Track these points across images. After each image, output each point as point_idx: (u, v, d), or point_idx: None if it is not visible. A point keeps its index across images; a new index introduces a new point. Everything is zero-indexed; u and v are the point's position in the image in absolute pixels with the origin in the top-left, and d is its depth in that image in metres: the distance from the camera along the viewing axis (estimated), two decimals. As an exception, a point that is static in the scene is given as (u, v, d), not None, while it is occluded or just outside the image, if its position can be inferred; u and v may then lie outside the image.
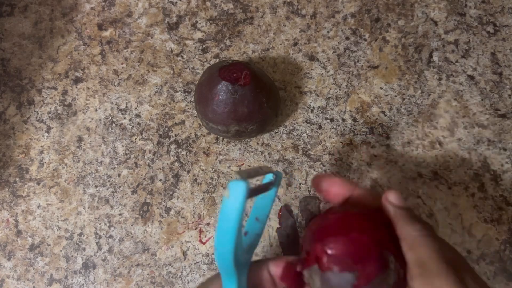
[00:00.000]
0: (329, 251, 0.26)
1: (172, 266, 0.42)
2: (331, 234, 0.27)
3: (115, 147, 0.46)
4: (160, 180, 0.45)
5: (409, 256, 0.26)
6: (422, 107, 0.45)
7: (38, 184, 0.45)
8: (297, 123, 0.45)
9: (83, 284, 0.42)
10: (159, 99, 0.47)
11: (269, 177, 0.32)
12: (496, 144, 0.43)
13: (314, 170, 0.44)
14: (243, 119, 0.40)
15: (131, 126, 0.46)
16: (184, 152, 0.45)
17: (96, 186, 0.45)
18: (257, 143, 0.45)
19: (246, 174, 0.25)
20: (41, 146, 0.46)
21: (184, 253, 0.42)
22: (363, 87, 0.46)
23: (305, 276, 0.27)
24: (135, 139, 0.46)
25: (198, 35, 0.48)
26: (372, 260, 0.25)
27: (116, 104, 0.47)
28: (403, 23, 0.47)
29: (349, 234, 0.26)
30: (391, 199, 0.29)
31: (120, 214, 0.44)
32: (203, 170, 0.45)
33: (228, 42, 0.48)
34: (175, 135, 0.46)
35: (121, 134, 0.46)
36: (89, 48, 0.49)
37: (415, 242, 0.26)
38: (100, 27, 0.49)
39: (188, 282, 0.42)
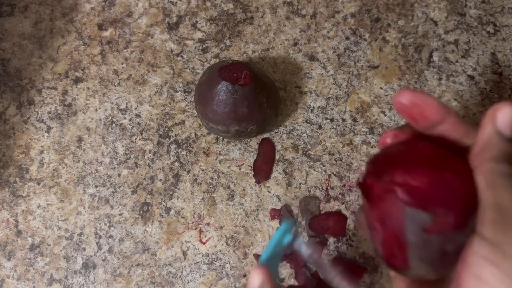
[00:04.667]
0: (413, 182, 0.22)
1: (172, 266, 0.42)
2: (419, 164, 0.23)
3: (115, 147, 0.46)
4: (160, 180, 0.45)
5: (486, 195, 0.21)
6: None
7: (38, 184, 0.45)
8: (297, 123, 0.45)
9: (83, 284, 0.42)
10: (159, 99, 0.47)
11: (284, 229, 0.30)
12: (496, 144, 0.43)
13: (314, 170, 0.44)
14: (243, 119, 0.40)
15: (131, 126, 0.46)
16: (184, 152, 0.45)
17: (96, 186, 0.45)
18: (257, 143, 0.45)
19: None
20: (41, 146, 0.46)
21: (184, 253, 0.42)
22: (363, 87, 0.46)
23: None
24: (135, 139, 0.46)
25: (198, 35, 0.48)
26: (457, 212, 0.22)
27: (116, 104, 0.47)
28: (403, 23, 0.47)
29: (441, 172, 0.22)
30: (499, 116, 0.22)
31: (120, 214, 0.44)
32: (203, 170, 0.45)
33: (228, 42, 0.48)
34: (175, 135, 0.46)
35: (121, 134, 0.46)
36: (89, 48, 0.49)
37: (498, 180, 0.21)
38: (100, 27, 0.49)
39: (188, 282, 0.42)
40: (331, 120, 0.45)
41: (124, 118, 0.47)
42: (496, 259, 0.20)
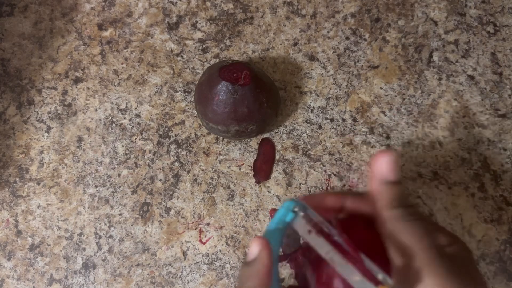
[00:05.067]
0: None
1: (172, 266, 0.42)
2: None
3: (115, 147, 0.46)
4: (160, 180, 0.45)
5: (388, 246, 0.24)
6: (422, 107, 0.45)
7: (38, 184, 0.45)
8: (297, 123, 0.45)
9: (83, 284, 0.42)
10: (159, 99, 0.47)
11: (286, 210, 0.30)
12: (496, 144, 0.43)
13: (314, 170, 0.44)
14: (243, 119, 0.40)
15: (131, 126, 0.46)
16: (184, 152, 0.45)
17: (96, 186, 0.45)
18: (257, 143, 0.45)
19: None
20: (41, 146, 0.46)
21: (184, 253, 0.42)
22: (363, 87, 0.46)
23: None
24: (135, 139, 0.46)
25: (198, 35, 0.48)
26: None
27: (116, 104, 0.47)
28: (403, 23, 0.47)
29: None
30: (378, 166, 0.25)
31: (120, 214, 0.44)
32: (203, 170, 0.45)
33: (228, 42, 0.48)
34: (175, 135, 0.46)
35: (121, 134, 0.46)
36: (89, 48, 0.49)
37: (391, 228, 0.23)
38: (100, 27, 0.49)
39: (188, 282, 0.42)
40: (331, 120, 0.45)
41: (124, 118, 0.47)
42: None
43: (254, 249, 0.25)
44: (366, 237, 0.27)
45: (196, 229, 0.43)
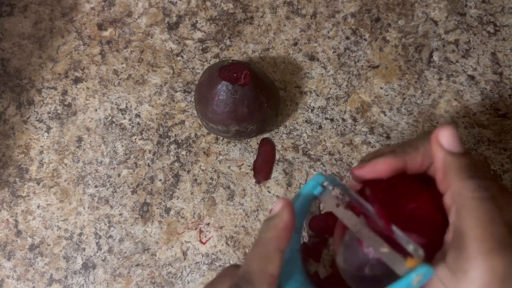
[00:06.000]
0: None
1: (172, 266, 0.42)
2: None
3: (115, 147, 0.46)
4: (160, 180, 0.44)
5: (451, 219, 0.21)
6: (423, 107, 0.45)
7: (38, 184, 0.45)
8: (297, 123, 0.45)
9: (83, 284, 0.42)
10: (159, 99, 0.47)
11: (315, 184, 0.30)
12: (496, 144, 0.43)
13: (314, 170, 0.44)
14: (243, 119, 0.40)
15: (131, 126, 0.46)
16: (184, 152, 0.45)
17: (96, 186, 0.45)
18: (257, 143, 0.45)
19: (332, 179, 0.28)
20: (41, 146, 0.46)
21: (184, 253, 0.42)
22: (363, 87, 0.46)
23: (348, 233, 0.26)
24: (135, 139, 0.46)
25: (198, 35, 0.48)
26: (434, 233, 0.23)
27: (116, 104, 0.47)
28: (403, 23, 0.47)
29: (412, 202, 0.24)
30: (443, 139, 0.23)
31: (120, 214, 0.44)
32: (203, 170, 0.44)
33: (228, 42, 0.48)
34: (175, 135, 0.46)
35: (121, 134, 0.46)
36: (89, 48, 0.49)
37: (464, 205, 0.21)
38: (100, 27, 0.49)
39: (188, 282, 0.42)
40: (331, 120, 0.45)
41: (124, 118, 0.47)
42: (451, 285, 0.20)
43: (277, 206, 0.25)
44: (411, 201, 0.25)
45: (196, 229, 0.43)
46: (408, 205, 0.25)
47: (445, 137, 0.23)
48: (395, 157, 0.25)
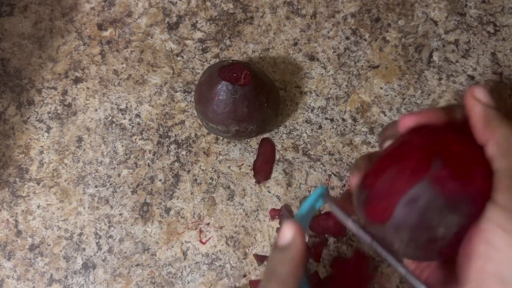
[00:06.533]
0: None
1: (172, 266, 0.42)
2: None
3: (115, 147, 0.46)
4: (160, 180, 0.45)
5: (499, 163, 0.22)
6: (422, 107, 0.45)
7: (38, 184, 0.45)
8: (297, 123, 0.45)
9: (83, 284, 0.42)
10: (159, 99, 0.47)
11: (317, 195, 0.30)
12: (496, 144, 0.43)
13: (314, 170, 0.44)
14: (243, 119, 0.40)
15: (131, 126, 0.46)
16: (184, 152, 0.45)
17: (96, 186, 0.45)
18: (257, 143, 0.45)
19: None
20: (41, 146, 0.46)
21: (184, 253, 0.42)
22: (363, 87, 0.46)
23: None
24: (135, 139, 0.46)
25: (198, 35, 0.48)
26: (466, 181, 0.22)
27: (116, 104, 0.47)
28: (403, 23, 0.47)
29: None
30: (479, 95, 0.24)
31: (120, 214, 0.44)
32: (203, 170, 0.45)
33: (228, 42, 0.48)
34: (175, 135, 0.46)
35: (121, 134, 0.46)
36: (89, 48, 0.49)
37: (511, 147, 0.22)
38: (100, 27, 0.49)
39: (188, 282, 0.42)
40: (331, 120, 0.45)
41: (124, 118, 0.47)
42: (509, 226, 0.20)
43: (288, 233, 0.24)
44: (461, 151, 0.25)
45: (196, 229, 0.43)
46: (462, 145, 0.24)
47: (481, 93, 0.24)
48: (440, 109, 0.26)
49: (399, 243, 0.24)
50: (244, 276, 0.41)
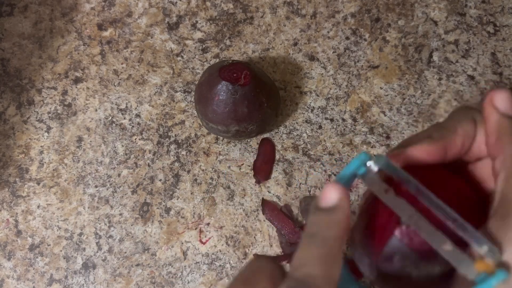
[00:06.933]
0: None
1: (172, 266, 0.42)
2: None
3: (115, 147, 0.46)
4: (160, 180, 0.45)
5: (501, 186, 0.20)
6: (422, 107, 0.45)
7: (38, 184, 0.45)
8: (297, 123, 0.45)
9: (83, 284, 0.42)
10: (159, 99, 0.47)
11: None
12: (496, 144, 0.43)
13: (314, 170, 0.44)
14: (243, 119, 0.40)
15: (131, 126, 0.46)
16: (184, 152, 0.45)
17: (96, 186, 0.45)
18: (257, 143, 0.45)
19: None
20: (41, 146, 0.46)
21: (184, 253, 0.42)
22: (363, 87, 0.46)
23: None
24: (135, 139, 0.46)
25: (198, 35, 0.48)
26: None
27: (116, 104, 0.47)
28: (403, 23, 0.47)
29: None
30: (497, 102, 0.22)
31: (120, 214, 0.44)
32: (203, 170, 0.45)
33: (228, 42, 0.48)
34: (175, 135, 0.46)
35: (121, 134, 0.46)
36: (89, 48, 0.49)
37: None
38: (100, 27, 0.49)
39: (188, 282, 0.42)
40: (331, 120, 0.45)
41: (124, 118, 0.47)
42: None
43: (333, 195, 0.21)
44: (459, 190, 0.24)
45: (196, 229, 0.43)
46: (447, 192, 0.23)
47: (500, 100, 0.22)
48: (433, 142, 0.23)
49: None
50: (244, 276, 0.41)
